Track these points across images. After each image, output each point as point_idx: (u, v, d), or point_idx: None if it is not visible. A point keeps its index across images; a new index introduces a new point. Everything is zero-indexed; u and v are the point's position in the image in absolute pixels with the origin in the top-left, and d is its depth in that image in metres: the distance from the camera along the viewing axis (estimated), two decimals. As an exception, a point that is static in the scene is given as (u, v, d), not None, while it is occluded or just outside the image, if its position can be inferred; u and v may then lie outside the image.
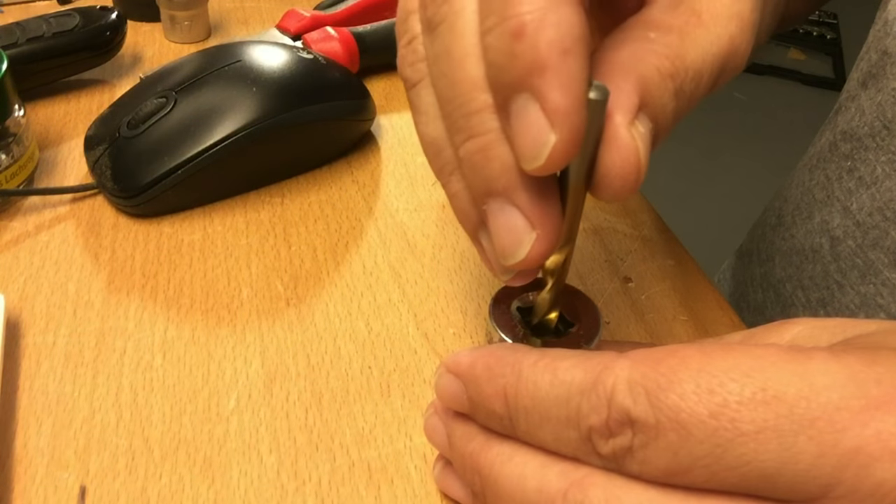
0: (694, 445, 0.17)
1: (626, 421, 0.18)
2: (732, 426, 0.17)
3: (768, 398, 0.17)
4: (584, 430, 0.19)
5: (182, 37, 0.50)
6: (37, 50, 0.42)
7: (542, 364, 0.20)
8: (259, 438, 0.27)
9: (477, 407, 0.21)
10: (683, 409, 0.17)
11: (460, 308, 0.32)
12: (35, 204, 0.37)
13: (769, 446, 0.17)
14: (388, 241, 0.36)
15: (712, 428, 0.17)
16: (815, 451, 0.16)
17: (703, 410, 0.17)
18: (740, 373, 0.17)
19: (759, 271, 0.42)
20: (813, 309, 0.37)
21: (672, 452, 0.17)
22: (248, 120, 0.36)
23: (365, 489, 0.26)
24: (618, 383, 0.18)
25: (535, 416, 0.20)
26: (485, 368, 0.21)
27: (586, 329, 0.23)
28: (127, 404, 0.28)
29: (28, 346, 0.30)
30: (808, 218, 0.38)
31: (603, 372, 0.19)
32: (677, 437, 0.17)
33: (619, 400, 0.18)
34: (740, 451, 0.17)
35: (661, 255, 0.35)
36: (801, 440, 0.17)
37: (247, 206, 0.37)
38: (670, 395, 0.17)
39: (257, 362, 0.30)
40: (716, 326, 0.32)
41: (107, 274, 0.33)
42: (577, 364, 0.19)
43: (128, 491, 0.25)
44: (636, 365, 0.18)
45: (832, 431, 0.16)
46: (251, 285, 0.33)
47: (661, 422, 0.17)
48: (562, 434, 0.19)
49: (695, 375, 0.18)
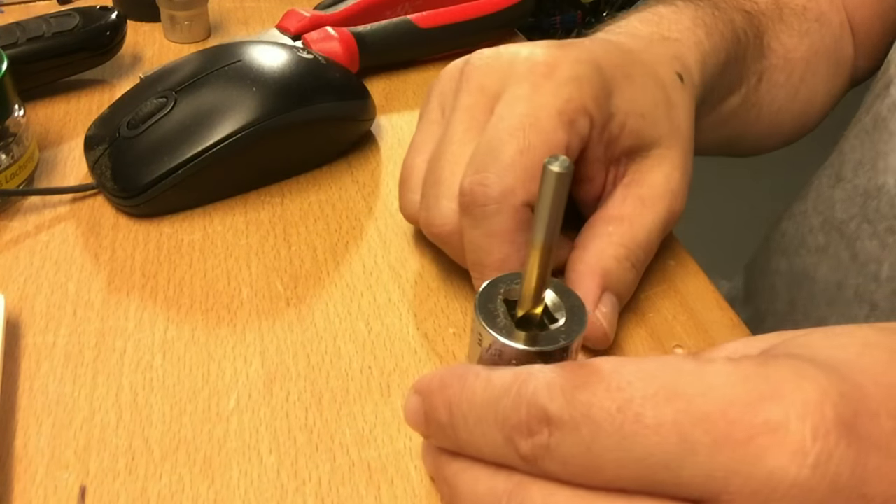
0: (604, 439, 0.18)
1: (543, 419, 0.19)
2: (637, 419, 0.18)
3: (669, 395, 0.18)
4: (507, 430, 0.20)
5: (182, 37, 0.50)
6: (37, 50, 0.42)
7: (483, 374, 0.21)
8: (259, 438, 0.27)
9: (429, 420, 0.23)
10: (594, 403, 0.19)
11: (460, 308, 0.32)
12: (35, 204, 0.37)
13: (670, 438, 0.18)
14: (388, 241, 0.36)
15: (619, 421, 0.18)
16: (710, 442, 0.18)
17: (611, 405, 0.18)
18: (647, 374, 0.19)
19: (819, 220, 0.44)
20: (881, 237, 0.39)
21: (585, 447, 0.19)
22: (248, 120, 0.36)
23: (365, 489, 0.26)
24: (538, 385, 0.20)
25: (471, 421, 0.21)
26: (439, 383, 0.22)
27: (569, 324, 0.24)
28: (127, 404, 0.28)
29: (28, 346, 0.30)
30: (872, 167, 0.40)
31: (528, 377, 0.20)
32: (589, 431, 0.19)
33: (538, 399, 0.19)
34: (644, 443, 0.18)
35: (661, 255, 0.35)
36: (697, 432, 0.18)
37: (247, 206, 0.37)
38: (584, 393, 0.19)
39: (257, 362, 0.30)
40: (716, 326, 0.32)
41: (107, 274, 0.33)
42: (509, 371, 0.21)
43: (128, 491, 0.25)
44: (557, 370, 0.20)
45: (725, 423, 0.18)
46: (251, 285, 0.33)
47: (574, 417, 0.19)
48: (491, 438, 0.20)
49: (607, 377, 0.19)
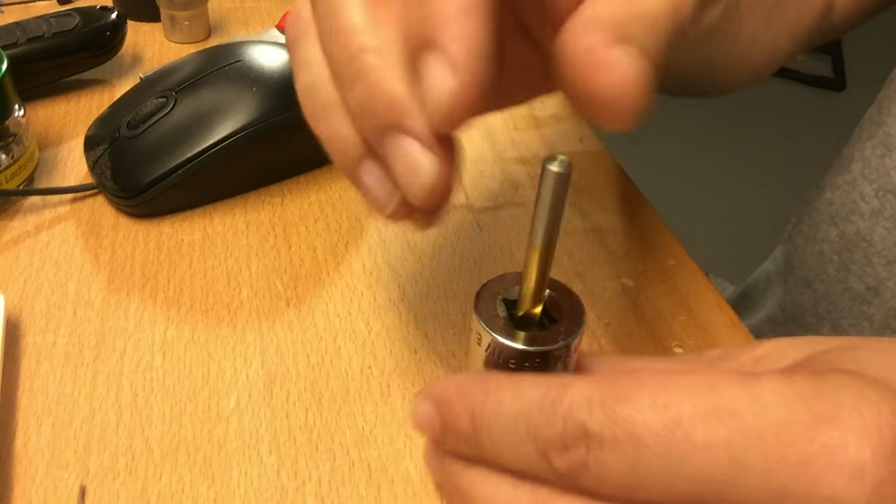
0: (650, 458, 0.18)
1: (580, 435, 0.18)
2: (686, 439, 0.17)
3: (721, 414, 0.17)
4: (541, 444, 0.19)
5: (182, 37, 0.50)
6: (37, 50, 0.42)
7: (508, 383, 0.21)
8: (259, 438, 0.27)
9: (447, 428, 0.22)
10: (639, 421, 0.18)
11: (460, 308, 0.32)
12: (35, 204, 0.37)
13: (721, 460, 0.17)
14: (388, 241, 0.36)
15: (667, 441, 0.17)
16: (765, 465, 0.17)
17: (658, 423, 0.18)
18: (695, 391, 0.18)
19: (871, 187, 0.45)
20: None
21: (628, 466, 0.18)
22: (248, 120, 0.36)
23: (365, 489, 0.26)
24: (575, 398, 0.19)
25: (497, 433, 0.20)
26: (457, 390, 0.22)
27: (568, 325, 0.24)
28: (127, 404, 0.28)
29: (28, 346, 0.30)
30: None
31: (562, 389, 0.19)
32: (633, 449, 0.18)
33: (576, 414, 0.19)
34: (694, 464, 0.17)
35: (661, 255, 0.35)
36: (751, 455, 0.17)
37: (247, 206, 0.37)
38: (626, 409, 0.18)
39: (257, 362, 0.30)
40: (716, 326, 0.32)
41: (107, 274, 0.33)
42: (539, 382, 0.20)
43: (128, 491, 0.25)
44: (594, 383, 0.19)
45: (780, 446, 0.17)
46: (251, 285, 0.33)
47: (616, 435, 0.18)
48: (520, 450, 0.20)
49: (650, 392, 0.18)
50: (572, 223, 0.37)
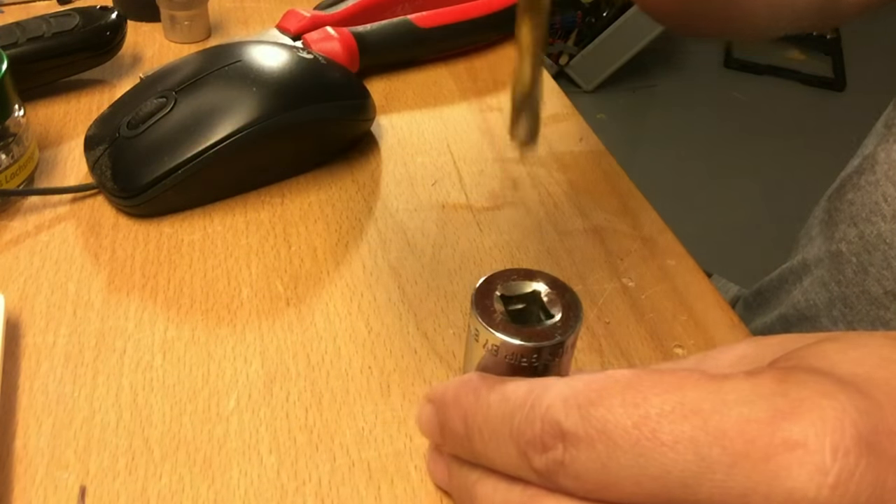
0: (620, 455, 0.18)
1: (557, 434, 0.19)
2: (653, 436, 0.18)
3: (686, 412, 0.18)
4: (522, 444, 0.20)
5: (182, 37, 0.50)
6: (37, 50, 0.42)
7: (497, 386, 0.21)
8: (259, 438, 0.27)
9: (444, 430, 0.23)
10: (610, 420, 0.18)
11: (460, 308, 0.32)
12: (35, 204, 0.37)
13: (687, 456, 0.18)
14: (388, 241, 0.36)
15: (635, 438, 0.18)
16: (728, 461, 0.17)
17: (627, 422, 0.18)
18: (662, 390, 0.19)
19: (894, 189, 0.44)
20: None
21: (601, 463, 0.18)
22: (248, 120, 0.36)
23: (365, 489, 0.26)
24: (553, 400, 0.20)
25: (486, 433, 0.21)
26: (453, 394, 0.22)
27: (565, 321, 0.24)
28: (127, 404, 0.28)
29: (28, 346, 0.30)
30: None
31: (543, 391, 0.20)
32: (604, 447, 0.18)
33: (552, 414, 0.19)
34: (661, 460, 0.18)
35: (661, 255, 0.35)
36: (714, 451, 0.18)
37: (247, 206, 0.37)
38: (599, 409, 0.19)
39: (257, 362, 0.30)
40: (716, 326, 0.32)
41: (107, 274, 0.33)
42: (523, 384, 0.21)
43: (128, 491, 0.25)
44: (571, 384, 0.20)
45: (743, 442, 0.17)
46: (251, 285, 0.33)
47: (589, 433, 0.19)
48: (504, 450, 0.20)
49: (622, 391, 0.19)
50: (572, 223, 0.37)
